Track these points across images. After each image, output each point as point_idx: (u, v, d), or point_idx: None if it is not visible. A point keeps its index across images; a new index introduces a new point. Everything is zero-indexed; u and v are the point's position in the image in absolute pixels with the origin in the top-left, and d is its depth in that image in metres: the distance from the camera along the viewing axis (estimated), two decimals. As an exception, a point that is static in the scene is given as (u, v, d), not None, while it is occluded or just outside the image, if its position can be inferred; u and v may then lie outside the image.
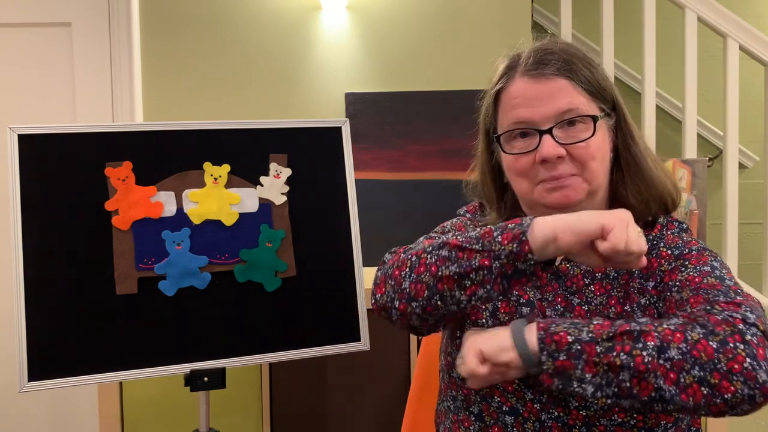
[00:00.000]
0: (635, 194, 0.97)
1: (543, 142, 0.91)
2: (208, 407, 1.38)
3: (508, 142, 0.95)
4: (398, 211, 2.24)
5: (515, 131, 0.94)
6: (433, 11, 2.28)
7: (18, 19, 2.26)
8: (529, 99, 0.92)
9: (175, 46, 2.26)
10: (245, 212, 1.37)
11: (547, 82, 0.92)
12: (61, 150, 1.30)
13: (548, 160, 0.91)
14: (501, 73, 0.98)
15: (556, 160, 0.91)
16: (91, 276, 1.29)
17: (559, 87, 0.92)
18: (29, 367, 1.24)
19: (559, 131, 0.91)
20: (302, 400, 1.76)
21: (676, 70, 2.43)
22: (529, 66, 0.94)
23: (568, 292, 0.95)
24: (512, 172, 0.97)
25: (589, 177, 0.92)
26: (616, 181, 0.98)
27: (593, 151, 0.92)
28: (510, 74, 0.96)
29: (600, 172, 0.94)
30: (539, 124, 0.92)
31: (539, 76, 0.92)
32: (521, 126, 0.93)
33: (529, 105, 0.92)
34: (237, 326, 1.35)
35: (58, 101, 2.27)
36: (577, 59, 0.94)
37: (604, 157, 0.94)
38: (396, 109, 2.25)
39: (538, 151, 0.91)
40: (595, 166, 0.92)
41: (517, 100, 0.93)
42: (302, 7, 2.27)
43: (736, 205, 2.32)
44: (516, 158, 0.94)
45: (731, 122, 2.35)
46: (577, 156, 0.91)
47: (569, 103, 0.91)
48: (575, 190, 0.92)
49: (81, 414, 2.31)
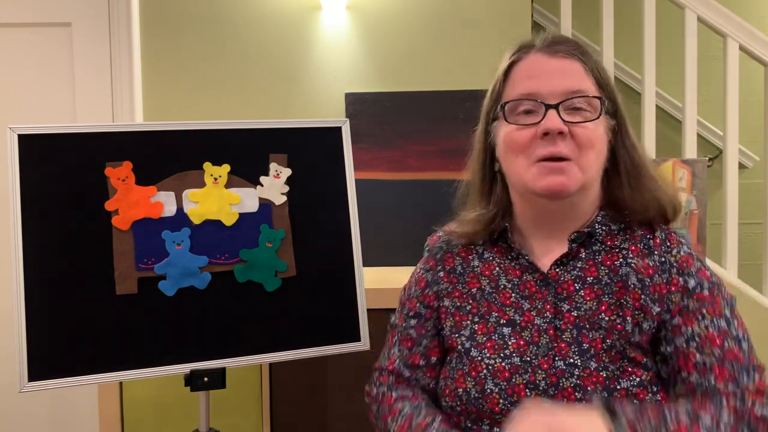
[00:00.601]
0: (634, 198, 0.96)
1: (548, 116, 0.91)
2: (208, 407, 1.38)
3: (511, 115, 0.95)
4: (398, 211, 2.25)
5: (521, 105, 0.94)
6: (433, 11, 2.28)
7: (18, 19, 2.26)
8: (540, 72, 0.93)
9: (175, 46, 2.26)
10: (245, 212, 1.37)
11: (560, 59, 0.93)
12: (61, 150, 1.30)
13: (550, 132, 0.90)
14: (515, 50, 0.98)
15: (557, 136, 0.90)
16: (91, 276, 1.28)
17: (572, 67, 0.93)
18: (29, 367, 1.24)
19: (564, 110, 0.91)
20: (302, 400, 1.76)
21: (676, 70, 2.43)
22: (545, 43, 0.96)
23: (557, 299, 0.95)
24: (510, 147, 0.95)
25: (585, 165, 0.92)
26: (615, 185, 0.97)
27: (593, 137, 0.92)
28: (524, 50, 0.97)
29: (594, 164, 0.93)
30: (546, 98, 0.92)
31: (554, 53, 0.94)
32: (529, 97, 0.93)
33: (540, 77, 0.93)
34: (237, 326, 1.35)
35: (58, 101, 2.27)
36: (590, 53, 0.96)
37: (600, 151, 0.94)
38: (396, 109, 2.25)
39: (541, 124, 0.91)
40: (592, 156, 0.92)
41: (529, 71, 0.94)
42: (302, 7, 2.27)
43: (736, 205, 2.33)
44: (517, 130, 0.94)
45: (731, 122, 2.35)
46: (578, 137, 0.91)
47: (579, 83, 0.92)
48: (570, 178, 0.91)
49: (81, 414, 2.31)
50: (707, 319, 0.89)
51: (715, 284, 0.93)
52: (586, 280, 0.94)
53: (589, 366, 0.90)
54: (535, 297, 0.96)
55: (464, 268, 1.06)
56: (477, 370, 0.95)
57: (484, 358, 0.96)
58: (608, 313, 0.92)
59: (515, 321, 0.96)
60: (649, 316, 0.91)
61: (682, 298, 0.91)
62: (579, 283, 0.95)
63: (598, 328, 0.92)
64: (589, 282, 0.94)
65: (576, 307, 0.93)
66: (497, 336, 0.96)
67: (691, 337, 0.89)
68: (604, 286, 0.94)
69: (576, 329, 0.93)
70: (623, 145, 0.97)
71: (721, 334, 0.88)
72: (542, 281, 0.97)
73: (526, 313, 0.96)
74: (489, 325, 0.97)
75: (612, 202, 0.98)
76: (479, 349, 0.97)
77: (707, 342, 0.88)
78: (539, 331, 0.94)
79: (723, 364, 0.86)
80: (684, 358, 0.89)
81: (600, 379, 0.89)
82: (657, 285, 0.92)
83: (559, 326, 0.93)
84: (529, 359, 0.93)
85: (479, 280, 1.03)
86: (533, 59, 0.95)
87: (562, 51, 0.94)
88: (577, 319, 0.93)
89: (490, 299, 1.00)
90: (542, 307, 0.95)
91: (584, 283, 0.94)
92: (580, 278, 0.95)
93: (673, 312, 0.91)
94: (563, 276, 0.96)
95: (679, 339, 0.90)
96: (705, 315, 0.90)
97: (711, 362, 0.87)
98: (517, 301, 0.98)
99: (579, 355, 0.91)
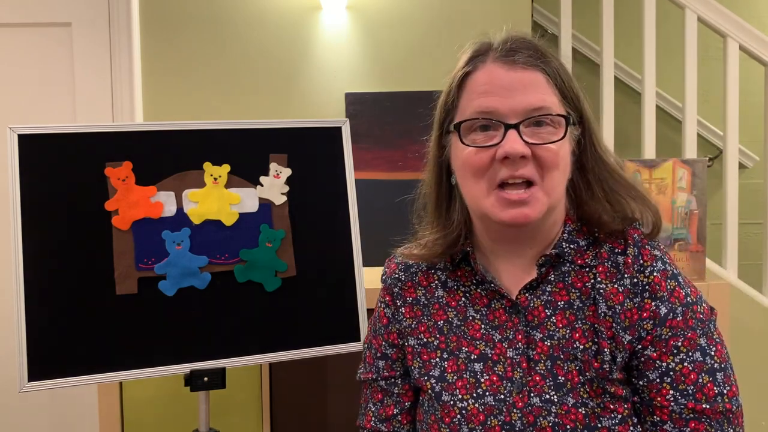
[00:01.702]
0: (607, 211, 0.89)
1: (507, 137, 0.83)
2: (208, 407, 1.38)
3: (467, 134, 0.87)
4: (398, 211, 2.24)
5: (477, 122, 0.85)
6: (432, 11, 2.28)
7: (18, 19, 2.26)
8: (498, 87, 0.84)
9: (175, 47, 2.26)
10: (245, 212, 1.37)
11: (520, 71, 0.84)
12: (61, 150, 1.30)
13: (510, 157, 0.82)
14: (470, 57, 0.89)
15: (518, 160, 0.82)
16: (91, 276, 1.28)
17: (533, 80, 0.84)
18: (29, 367, 1.24)
19: (526, 129, 0.83)
20: (302, 400, 1.76)
21: (676, 70, 2.43)
22: (503, 52, 0.86)
23: (529, 327, 0.90)
24: (467, 170, 0.87)
25: (549, 188, 0.84)
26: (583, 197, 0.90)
27: (558, 158, 0.84)
28: (480, 59, 0.88)
29: (559, 184, 0.86)
30: (506, 117, 0.83)
31: (512, 63, 0.84)
32: (486, 116, 0.84)
33: (498, 93, 0.84)
34: (237, 326, 1.35)
35: (58, 101, 2.27)
36: (551, 56, 0.88)
37: (565, 169, 0.87)
38: (396, 109, 2.25)
39: (500, 146, 0.83)
40: (557, 176, 0.85)
41: (485, 86, 0.85)
42: (302, 7, 2.27)
43: (736, 205, 2.33)
44: (474, 152, 0.85)
45: (731, 122, 2.35)
46: (542, 159, 0.83)
47: (542, 100, 0.84)
48: (534, 207, 0.84)
49: (81, 414, 2.31)
50: (682, 354, 0.84)
51: (689, 305, 0.86)
52: (557, 305, 0.89)
53: (567, 402, 0.86)
54: (505, 326, 0.91)
55: (428, 299, 0.99)
56: (450, 416, 0.91)
57: (456, 402, 0.91)
58: (582, 341, 0.87)
59: (487, 355, 0.91)
60: (621, 347, 0.86)
61: (654, 326, 0.85)
62: (550, 308, 0.89)
63: (573, 359, 0.87)
64: (561, 307, 0.89)
65: (549, 335, 0.88)
66: (469, 374, 0.92)
67: (665, 373, 0.84)
68: (576, 311, 0.88)
69: (550, 360, 0.88)
70: (592, 155, 0.89)
71: (697, 368, 0.84)
72: (511, 308, 0.92)
73: (498, 345, 0.91)
74: (459, 362, 0.93)
75: (580, 214, 0.92)
76: (450, 391, 0.92)
77: (682, 379, 0.84)
78: (512, 364, 0.90)
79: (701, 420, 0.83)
80: (657, 394, 0.85)
81: (579, 417, 0.85)
82: (627, 311, 0.86)
83: (532, 356, 0.89)
84: (503, 397, 0.89)
85: (446, 311, 0.97)
86: (490, 70, 0.86)
87: (521, 61, 0.84)
88: (550, 348, 0.88)
89: (459, 333, 0.95)
90: (513, 337, 0.90)
91: (555, 308, 0.89)
92: (551, 303, 0.89)
93: (645, 342, 0.85)
94: (533, 302, 0.90)
95: (652, 374, 0.85)
96: (679, 349, 0.84)
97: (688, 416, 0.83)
98: (487, 332, 0.93)
99: (555, 390, 0.87)
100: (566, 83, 0.87)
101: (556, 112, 0.85)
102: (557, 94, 0.86)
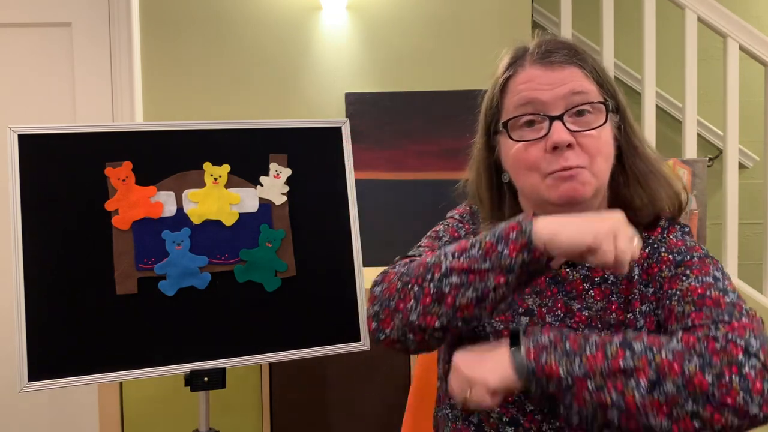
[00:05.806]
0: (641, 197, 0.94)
1: (553, 128, 0.88)
2: (208, 407, 1.38)
3: (515, 131, 0.92)
4: (398, 211, 2.24)
5: (522, 119, 0.90)
6: (433, 11, 2.28)
7: (18, 19, 2.26)
8: (540, 83, 0.89)
9: (175, 46, 2.26)
10: (245, 212, 1.37)
11: (558, 69, 0.90)
12: (61, 150, 1.30)
13: (559, 146, 0.87)
14: (509, 62, 0.95)
15: (565, 149, 0.87)
16: (91, 276, 1.29)
17: (571, 73, 0.90)
18: (29, 367, 1.24)
19: (569, 119, 0.88)
20: (302, 400, 1.76)
21: (676, 70, 2.43)
22: (539, 55, 0.91)
23: (567, 297, 0.94)
24: (520, 165, 0.92)
25: (596, 171, 0.89)
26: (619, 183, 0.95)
27: (601, 143, 0.89)
28: (519, 63, 0.93)
29: (605, 169, 0.91)
30: (549, 108, 0.88)
31: (550, 64, 0.90)
32: (529, 109, 0.90)
33: (540, 88, 0.89)
34: (237, 326, 1.35)
35: (58, 101, 2.27)
36: (586, 53, 0.93)
37: (609, 155, 0.91)
38: (396, 109, 2.25)
39: (548, 138, 0.88)
40: (601, 161, 0.89)
41: (527, 84, 0.90)
42: (302, 7, 2.27)
43: (736, 205, 2.32)
44: (525, 148, 0.90)
45: (731, 122, 2.35)
46: (586, 146, 0.88)
47: (581, 85, 0.89)
48: (584, 184, 0.88)
49: (81, 414, 2.30)
50: (692, 278, 0.87)
51: (706, 255, 0.91)
52: (594, 280, 0.94)
53: None
54: (544, 294, 0.95)
55: None
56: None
57: None
58: (619, 313, 0.91)
59: (533, 311, 0.94)
60: (646, 301, 0.91)
61: (671, 269, 0.90)
62: (588, 282, 0.94)
63: (609, 326, 0.91)
64: (597, 282, 0.94)
65: (587, 306, 0.93)
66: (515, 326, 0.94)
67: (674, 294, 0.87)
68: (611, 285, 0.93)
69: (588, 329, 0.92)
70: (629, 143, 0.95)
71: (705, 285, 0.85)
72: (552, 279, 0.95)
73: (538, 310, 0.94)
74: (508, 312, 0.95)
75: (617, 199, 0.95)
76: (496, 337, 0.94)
77: (689, 293, 0.85)
78: None
79: (701, 309, 0.82)
80: (666, 312, 0.87)
81: None
82: (649, 268, 0.92)
83: (570, 325, 0.93)
84: None
85: None
86: (529, 72, 0.91)
87: (558, 60, 0.90)
88: (588, 318, 0.92)
89: None
90: (552, 305, 0.94)
91: (593, 283, 0.93)
92: (588, 278, 0.94)
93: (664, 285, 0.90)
94: (572, 275, 0.95)
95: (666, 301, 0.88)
96: (690, 275, 0.87)
97: (690, 310, 0.83)
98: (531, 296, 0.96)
99: None
100: (602, 76, 0.93)
101: (595, 99, 0.90)
102: (595, 85, 0.91)
